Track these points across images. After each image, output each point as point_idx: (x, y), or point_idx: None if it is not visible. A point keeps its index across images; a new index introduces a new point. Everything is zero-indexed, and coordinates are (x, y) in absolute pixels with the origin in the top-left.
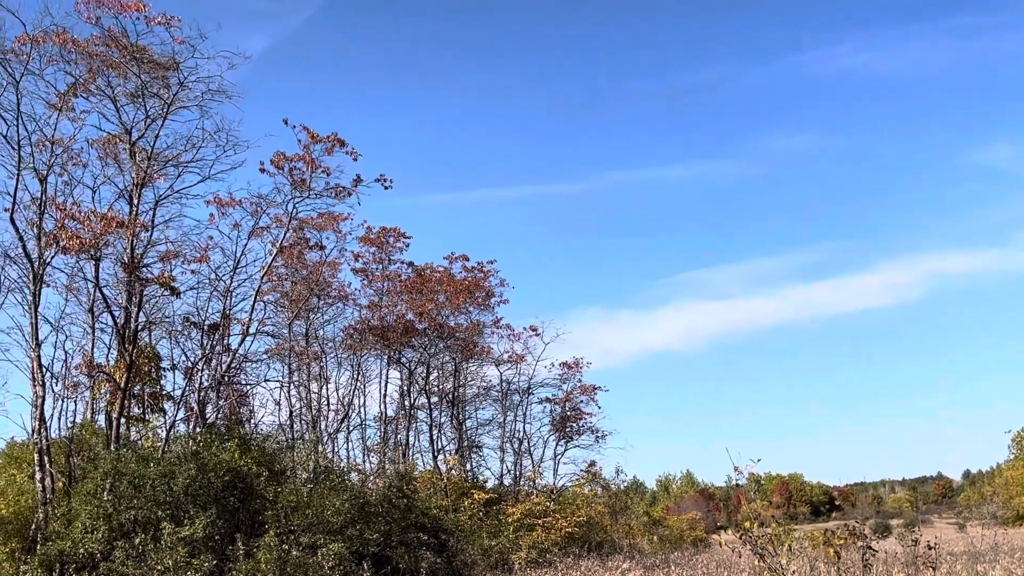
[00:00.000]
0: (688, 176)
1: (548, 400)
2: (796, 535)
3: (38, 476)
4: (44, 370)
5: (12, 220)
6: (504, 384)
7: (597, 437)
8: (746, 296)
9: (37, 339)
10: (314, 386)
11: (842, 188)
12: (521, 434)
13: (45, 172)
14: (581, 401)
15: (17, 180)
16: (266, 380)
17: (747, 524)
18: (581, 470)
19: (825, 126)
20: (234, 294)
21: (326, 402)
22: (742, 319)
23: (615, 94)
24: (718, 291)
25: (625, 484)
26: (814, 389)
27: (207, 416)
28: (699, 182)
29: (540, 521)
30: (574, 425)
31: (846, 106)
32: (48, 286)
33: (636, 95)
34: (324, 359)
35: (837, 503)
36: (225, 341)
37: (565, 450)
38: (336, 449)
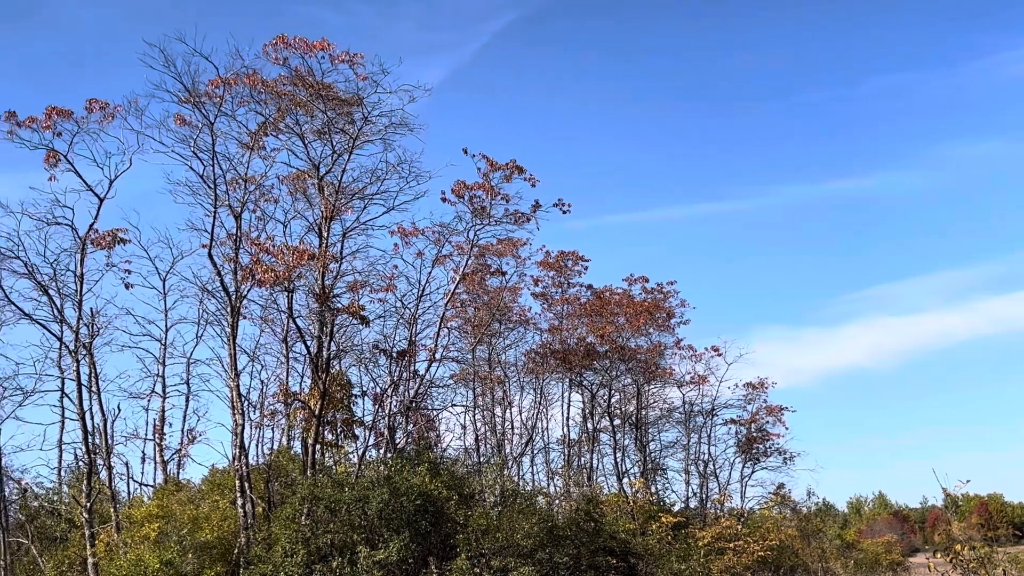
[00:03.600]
0: (870, 188)
1: (733, 421)
2: (1001, 558)
3: (239, 502)
4: (243, 399)
5: (210, 256)
6: (687, 406)
7: (785, 459)
8: (936, 310)
9: (236, 369)
10: (498, 410)
11: None
12: (706, 456)
13: (239, 209)
14: (767, 422)
15: (214, 217)
16: (452, 405)
17: (957, 547)
18: (769, 492)
19: (1013, 131)
20: (419, 321)
21: (510, 426)
22: (933, 334)
23: (789, 106)
24: (906, 305)
25: (815, 506)
26: (1012, 405)
27: (397, 441)
28: (882, 194)
29: (731, 545)
30: (760, 447)
31: None
32: (244, 318)
33: (810, 107)
34: (507, 383)
35: None
36: (412, 367)
37: (752, 472)
38: (521, 473)
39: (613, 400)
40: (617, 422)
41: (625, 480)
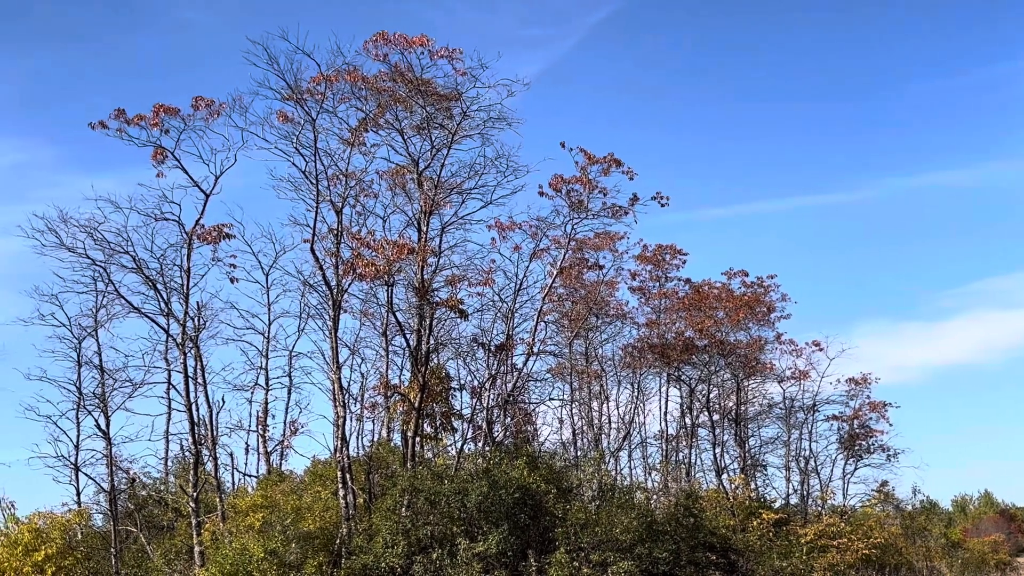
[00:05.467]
0: (975, 179)
1: (835, 417)
2: None
3: (341, 493)
4: (344, 392)
5: (312, 250)
6: (788, 401)
7: (889, 456)
8: None
9: (338, 362)
10: (595, 404)
11: None
12: (807, 453)
13: (340, 204)
14: (870, 418)
15: (316, 213)
16: (549, 399)
17: None
18: (872, 490)
19: None
20: (517, 315)
21: (607, 420)
22: None
23: (892, 97)
24: (1016, 299)
25: (920, 504)
26: None
27: (495, 434)
28: (988, 185)
29: (835, 543)
30: (863, 443)
31: None
32: (345, 312)
33: (914, 97)
34: (604, 378)
35: None
36: (510, 361)
37: (855, 469)
38: (619, 468)
39: (712, 395)
40: (716, 417)
41: (724, 476)
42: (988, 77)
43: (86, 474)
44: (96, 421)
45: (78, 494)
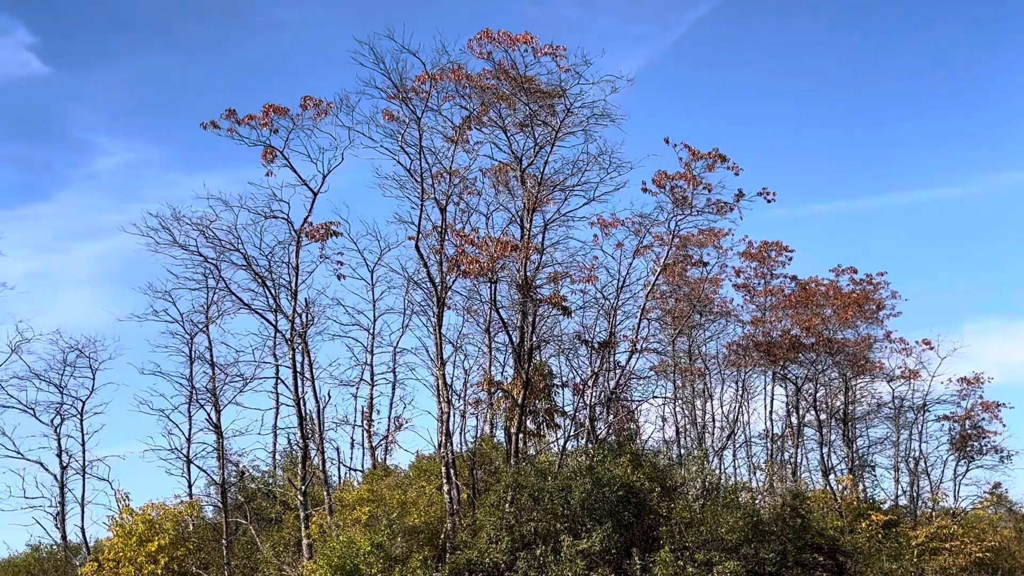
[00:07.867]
0: None
1: (946, 418)
2: None
3: (445, 488)
4: (448, 388)
5: (417, 247)
6: (897, 401)
7: (1002, 457)
8: None
9: (442, 358)
10: (698, 403)
11: None
12: (917, 453)
13: (444, 202)
14: (983, 419)
15: (420, 210)
16: (652, 397)
17: None
18: (984, 492)
19: None
20: (620, 312)
21: (710, 419)
22: None
23: (1003, 88)
24: None
25: None
26: None
27: (597, 432)
28: None
29: (947, 545)
30: (976, 444)
31: None
32: (449, 308)
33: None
34: (708, 376)
35: None
36: (613, 358)
37: (967, 471)
38: (723, 467)
39: (819, 394)
40: (823, 417)
41: (832, 476)
42: None
43: (198, 466)
44: (208, 415)
45: (190, 486)
